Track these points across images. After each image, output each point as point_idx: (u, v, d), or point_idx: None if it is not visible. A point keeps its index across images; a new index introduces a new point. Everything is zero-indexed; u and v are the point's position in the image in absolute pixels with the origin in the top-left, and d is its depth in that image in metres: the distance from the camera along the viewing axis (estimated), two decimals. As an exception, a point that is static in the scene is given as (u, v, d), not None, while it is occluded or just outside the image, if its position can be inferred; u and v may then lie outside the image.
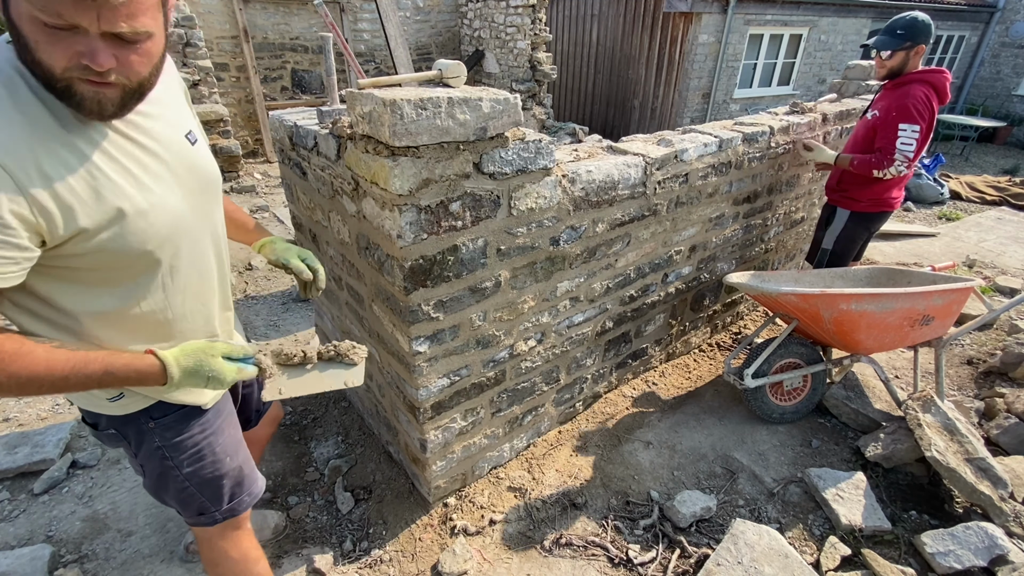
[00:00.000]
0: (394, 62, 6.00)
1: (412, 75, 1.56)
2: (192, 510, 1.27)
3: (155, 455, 1.17)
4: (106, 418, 1.12)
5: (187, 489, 1.22)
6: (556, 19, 9.97)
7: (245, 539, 1.38)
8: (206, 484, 1.23)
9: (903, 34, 2.37)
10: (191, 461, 1.19)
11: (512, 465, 2.24)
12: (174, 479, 1.20)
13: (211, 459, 1.23)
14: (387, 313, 1.69)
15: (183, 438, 1.17)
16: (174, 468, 1.18)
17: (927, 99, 2.34)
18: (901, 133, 2.33)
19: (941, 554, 1.79)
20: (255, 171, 6.25)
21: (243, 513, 1.35)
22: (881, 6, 9.52)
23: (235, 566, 1.35)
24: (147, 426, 1.14)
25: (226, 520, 1.30)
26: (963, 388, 2.81)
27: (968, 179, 6.92)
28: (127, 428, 1.14)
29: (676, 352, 2.94)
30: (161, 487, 1.23)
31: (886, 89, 2.53)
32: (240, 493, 1.31)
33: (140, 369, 0.96)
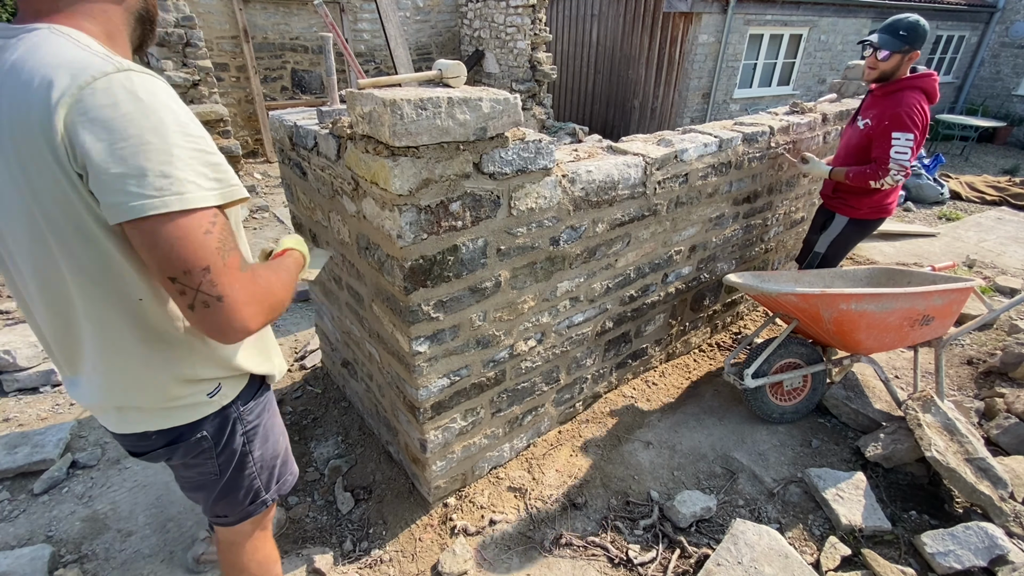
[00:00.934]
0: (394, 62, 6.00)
1: (412, 75, 1.56)
2: (245, 501, 1.22)
3: (236, 445, 1.12)
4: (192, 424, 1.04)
5: (252, 475, 1.19)
6: (556, 19, 9.97)
7: (270, 540, 1.39)
8: (266, 465, 1.22)
9: (905, 36, 2.31)
10: (261, 443, 1.18)
11: (512, 465, 2.24)
12: (245, 467, 1.16)
13: (273, 440, 1.23)
14: (387, 313, 1.69)
15: (260, 421, 1.17)
16: (248, 455, 1.16)
17: (920, 106, 2.32)
18: (895, 142, 2.32)
19: (941, 554, 1.79)
20: (255, 171, 6.25)
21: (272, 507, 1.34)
22: (881, 6, 9.52)
23: (259, 568, 1.35)
24: (235, 413, 1.10)
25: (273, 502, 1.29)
26: (963, 388, 2.81)
27: (968, 179, 6.92)
28: (214, 426, 1.07)
29: (676, 352, 2.94)
30: (233, 484, 1.17)
31: (875, 96, 2.47)
32: (285, 473, 1.31)
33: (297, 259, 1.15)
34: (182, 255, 0.76)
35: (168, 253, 0.76)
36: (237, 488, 1.19)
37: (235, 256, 0.82)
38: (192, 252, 0.77)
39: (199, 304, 0.79)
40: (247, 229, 4.73)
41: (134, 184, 0.73)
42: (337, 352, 2.48)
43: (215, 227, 0.80)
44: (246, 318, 0.83)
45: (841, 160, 2.65)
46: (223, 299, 0.80)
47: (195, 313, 0.80)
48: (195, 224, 0.77)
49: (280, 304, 0.93)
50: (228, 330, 0.83)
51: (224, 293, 0.80)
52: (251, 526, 1.30)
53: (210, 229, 0.79)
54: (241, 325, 0.83)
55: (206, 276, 0.78)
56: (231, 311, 0.81)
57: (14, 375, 2.56)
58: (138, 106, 0.74)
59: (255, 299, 0.85)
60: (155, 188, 0.74)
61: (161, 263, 0.77)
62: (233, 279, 0.81)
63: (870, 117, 2.44)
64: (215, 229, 0.79)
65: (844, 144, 2.66)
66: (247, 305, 0.83)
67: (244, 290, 0.83)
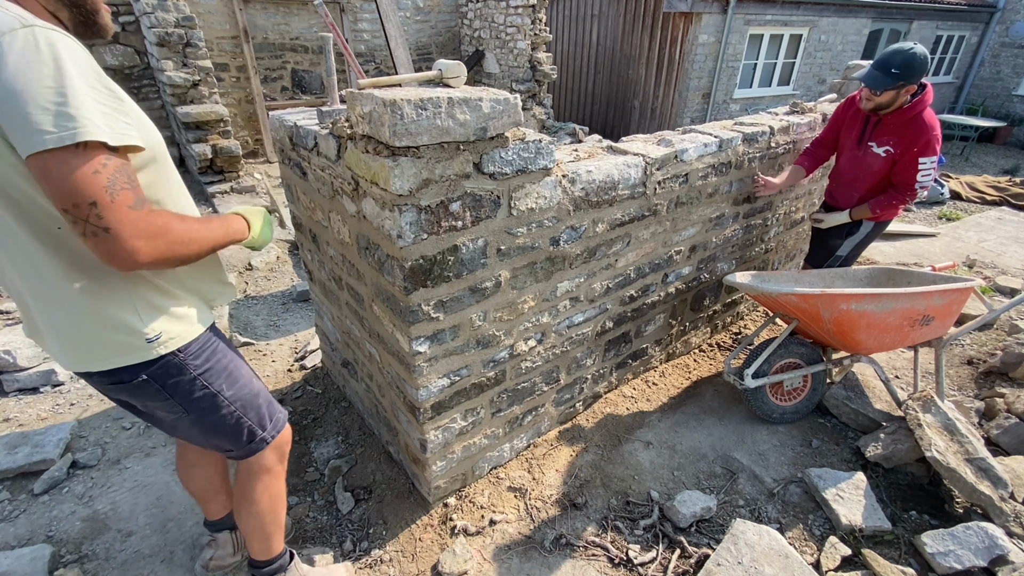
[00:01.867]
0: (394, 62, 6.00)
1: (412, 75, 1.56)
2: (243, 438, 1.36)
3: (195, 386, 1.22)
4: (132, 368, 1.14)
5: (234, 413, 1.31)
6: (556, 19, 9.98)
7: (282, 476, 1.50)
8: (249, 404, 1.34)
9: (897, 73, 2.24)
10: (229, 383, 1.28)
11: (512, 465, 2.24)
12: (221, 405, 1.28)
13: (243, 380, 1.33)
14: (387, 313, 1.69)
15: (213, 363, 1.25)
16: (217, 395, 1.26)
17: (935, 121, 2.36)
18: (921, 167, 2.37)
19: (941, 554, 1.79)
20: (255, 171, 6.25)
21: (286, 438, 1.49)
22: (881, 6, 9.52)
23: (270, 503, 1.47)
24: (176, 359, 1.18)
25: (274, 439, 1.43)
26: (963, 388, 2.81)
27: (968, 179, 6.92)
28: (157, 369, 1.16)
29: (676, 352, 2.94)
30: (209, 422, 1.28)
31: (891, 124, 2.41)
32: (275, 411, 1.45)
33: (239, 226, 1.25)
34: (71, 189, 0.86)
35: (60, 187, 0.86)
36: (223, 426, 1.31)
37: (126, 195, 0.92)
38: (80, 187, 0.86)
39: (89, 233, 0.89)
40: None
41: (33, 123, 0.82)
42: (337, 352, 2.48)
43: (106, 168, 0.89)
44: (134, 249, 0.93)
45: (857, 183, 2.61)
46: (109, 231, 0.90)
47: (87, 241, 0.91)
48: (85, 163, 0.86)
49: (181, 246, 1.03)
50: (116, 259, 0.93)
51: (110, 226, 0.90)
52: (266, 458, 1.43)
53: (100, 169, 0.88)
54: (126, 256, 0.93)
55: (93, 210, 0.88)
56: (118, 242, 0.91)
57: (14, 375, 2.56)
58: (38, 55, 0.83)
59: (146, 235, 0.94)
60: (52, 126, 0.83)
61: (55, 195, 0.87)
62: (121, 215, 0.90)
63: (890, 144, 2.41)
64: (105, 170, 0.89)
65: (859, 167, 2.57)
66: (135, 239, 0.93)
67: (132, 225, 0.92)
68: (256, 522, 1.47)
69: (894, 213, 2.54)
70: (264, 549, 1.53)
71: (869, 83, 2.32)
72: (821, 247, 2.90)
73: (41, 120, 0.82)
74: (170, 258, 1.01)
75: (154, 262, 0.98)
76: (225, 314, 3.39)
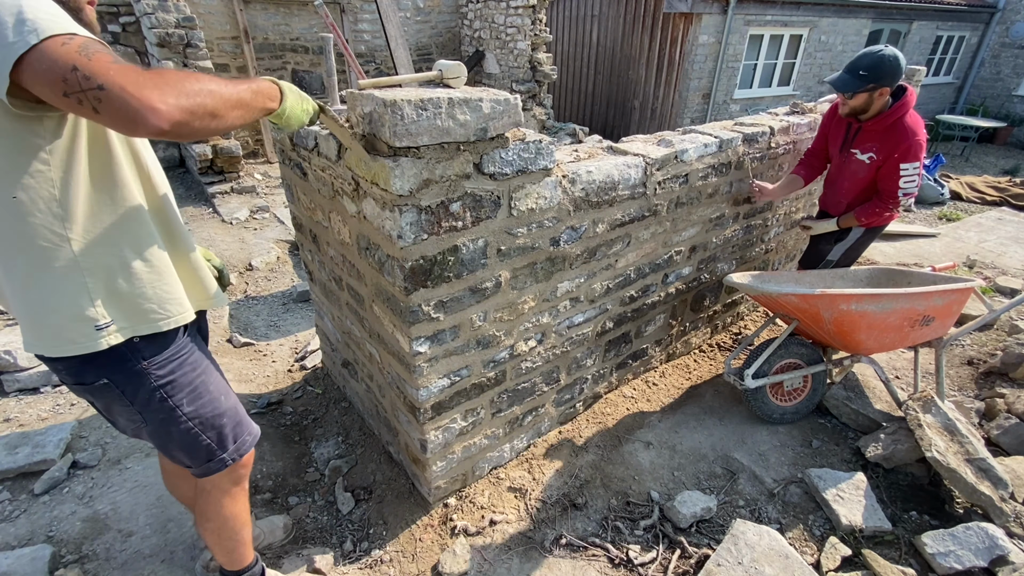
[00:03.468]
0: (394, 63, 6.00)
1: (412, 76, 1.56)
2: (201, 456, 1.31)
3: (154, 398, 1.18)
4: (95, 369, 1.11)
5: (192, 431, 1.26)
6: (556, 20, 9.98)
7: (241, 498, 1.46)
8: (209, 424, 1.28)
9: (865, 75, 2.21)
10: (191, 399, 1.23)
11: (512, 465, 2.24)
12: (178, 420, 1.23)
13: (208, 397, 1.27)
14: (387, 313, 1.69)
15: (177, 376, 1.21)
16: (175, 409, 1.21)
17: (919, 128, 2.30)
18: (903, 173, 2.31)
19: (941, 554, 1.79)
20: (255, 171, 6.25)
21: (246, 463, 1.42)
22: (881, 6, 9.53)
23: (225, 522, 1.44)
24: (139, 366, 1.15)
25: (235, 462, 1.37)
26: (963, 388, 2.81)
27: (968, 179, 6.92)
28: (119, 375, 1.14)
29: (676, 352, 2.94)
30: (166, 434, 1.25)
31: (872, 130, 2.38)
32: (242, 433, 1.38)
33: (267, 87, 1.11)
34: (50, 70, 0.83)
35: (44, 76, 0.83)
36: (178, 441, 1.27)
37: (103, 55, 0.86)
38: (55, 63, 0.83)
39: (93, 101, 0.84)
40: (248, 230, 4.73)
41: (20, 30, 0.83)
42: (337, 352, 2.48)
43: (72, 40, 0.86)
44: (145, 98, 0.85)
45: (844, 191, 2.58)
46: (104, 88, 0.83)
47: (101, 114, 0.85)
48: (51, 45, 0.84)
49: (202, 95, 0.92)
50: (134, 114, 0.85)
51: (101, 82, 0.83)
52: (222, 480, 1.38)
53: (66, 42, 0.85)
54: (141, 105, 0.84)
55: (76, 75, 0.83)
56: (122, 95, 0.84)
57: (15, 375, 2.57)
58: None
59: (148, 83, 0.86)
60: (19, 32, 0.83)
61: (47, 89, 0.84)
62: (105, 68, 0.84)
63: (873, 151, 2.39)
64: (72, 41, 0.85)
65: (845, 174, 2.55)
66: (139, 87, 0.85)
67: (123, 75, 0.85)
68: (213, 537, 1.46)
69: (880, 221, 2.50)
70: (229, 561, 1.52)
71: (837, 86, 2.29)
72: (813, 252, 2.92)
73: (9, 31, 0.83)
74: (197, 108, 0.91)
75: (184, 114, 0.89)
76: (225, 314, 3.39)
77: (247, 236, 4.60)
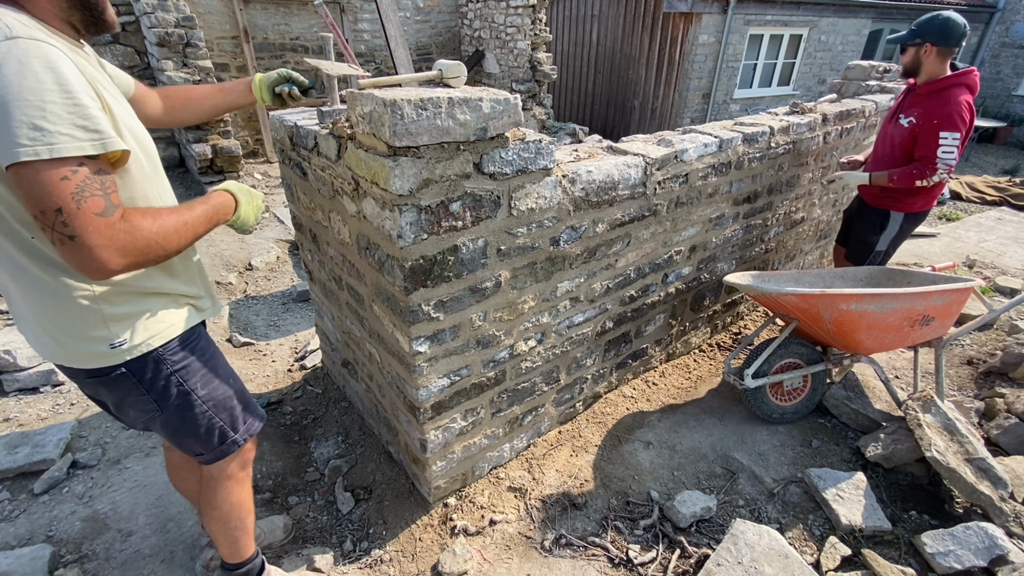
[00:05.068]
0: (394, 62, 6.00)
1: (412, 75, 1.56)
2: (213, 440, 1.35)
3: (170, 383, 1.24)
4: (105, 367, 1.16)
5: (207, 413, 1.31)
6: (556, 19, 9.98)
7: (247, 484, 1.51)
8: (222, 406, 1.34)
9: (914, 30, 2.35)
10: (204, 383, 1.29)
11: (512, 465, 2.24)
12: (194, 404, 1.28)
13: (219, 380, 1.34)
14: (387, 313, 1.69)
15: (190, 361, 1.27)
16: (190, 393, 1.27)
17: (967, 103, 2.33)
18: (942, 142, 2.34)
19: (941, 554, 1.79)
20: (255, 171, 6.25)
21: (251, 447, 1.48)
22: (881, 6, 9.53)
23: (232, 509, 1.47)
24: (155, 352, 1.20)
25: (245, 443, 1.42)
26: (963, 388, 2.81)
27: (968, 179, 6.92)
28: (135, 363, 1.18)
29: (676, 352, 2.94)
30: (181, 420, 1.29)
31: (919, 94, 2.46)
32: (250, 415, 1.44)
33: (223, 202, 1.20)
34: (39, 196, 0.87)
35: (29, 194, 0.87)
36: (194, 426, 1.31)
37: (95, 202, 0.91)
38: (47, 195, 0.87)
39: (58, 240, 0.90)
40: (247, 229, 4.72)
41: (10, 134, 0.84)
42: (337, 352, 2.48)
43: (75, 175, 0.88)
44: (103, 259, 0.92)
45: (885, 158, 2.65)
46: (75, 239, 0.89)
47: (59, 248, 0.91)
48: (54, 171, 0.86)
49: (157, 248, 1.01)
50: (87, 268, 0.93)
51: (76, 234, 0.89)
52: (228, 466, 1.42)
53: (68, 176, 0.88)
54: (97, 265, 0.92)
55: (59, 217, 0.88)
56: (85, 251, 0.90)
57: (14, 375, 2.57)
58: (18, 68, 0.85)
59: (113, 244, 0.93)
60: (27, 139, 0.84)
61: (26, 202, 0.89)
62: (87, 223, 0.90)
63: (914, 115, 2.44)
64: (74, 176, 0.88)
65: (887, 141, 2.66)
66: (103, 249, 0.92)
67: (99, 234, 0.91)
68: (219, 527, 1.48)
69: (909, 183, 2.46)
70: (232, 552, 1.55)
71: (897, 39, 2.42)
72: (861, 245, 2.94)
73: (18, 132, 0.84)
74: (144, 262, 1.01)
75: (127, 269, 0.98)
76: (225, 314, 3.39)
77: (247, 236, 4.60)
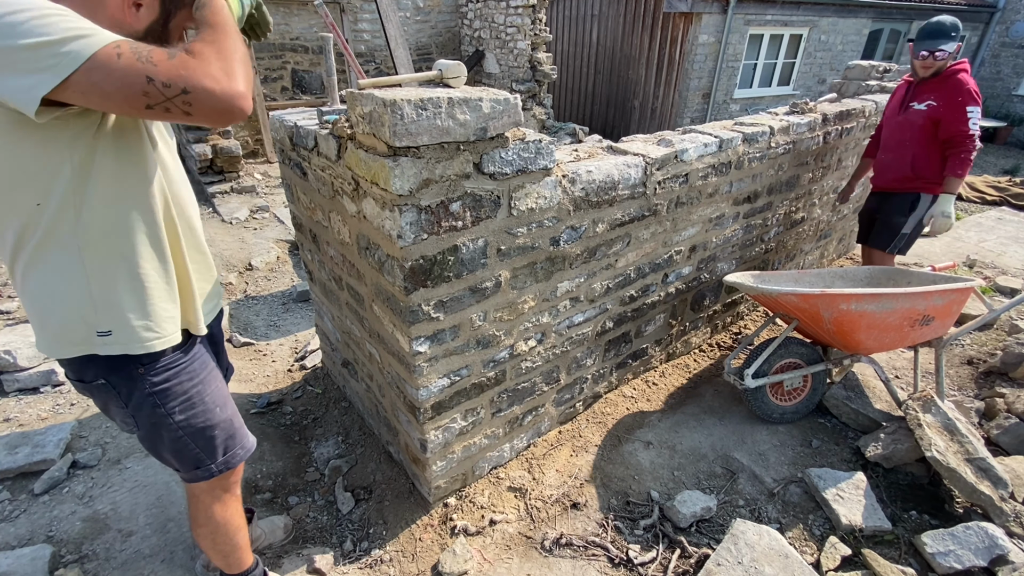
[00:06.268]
0: (394, 62, 6.00)
1: (412, 75, 1.56)
2: (188, 463, 1.30)
3: (146, 403, 1.18)
4: (94, 368, 1.13)
5: (181, 439, 1.25)
6: (556, 19, 9.98)
7: (232, 504, 1.45)
8: (199, 434, 1.27)
9: (955, 34, 2.63)
10: (183, 408, 1.23)
11: (512, 465, 2.24)
12: (167, 428, 1.23)
13: (201, 408, 1.26)
14: (387, 313, 1.69)
15: (172, 384, 1.20)
16: (166, 416, 1.21)
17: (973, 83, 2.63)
18: (971, 115, 2.58)
19: (941, 554, 1.79)
20: (255, 171, 6.25)
21: (236, 471, 1.42)
22: (881, 6, 9.53)
23: (218, 527, 1.44)
24: (136, 372, 1.15)
25: (222, 473, 1.35)
26: (963, 388, 2.81)
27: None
28: (116, 377, 1.15)
29: (676, 352, 2.94)
30: (156, 438, 1.25)
31: (929, 84, 2.72)
32: (233, 446, 1.37)
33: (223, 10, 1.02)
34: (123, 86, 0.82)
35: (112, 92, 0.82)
36: (167, 446, 1.26)
37: (156, 53, 0.85)
38: (124, 78, 0.81)
39: (183, 106, 0.85)
40: (247, 230, 4.73)
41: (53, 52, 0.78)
42: (337, 352, 2.48)
43: (120, 46, 0.83)
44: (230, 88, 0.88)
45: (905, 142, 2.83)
46: (188, 91, 0.84)
47: (194, 116, 0.87)
48: (104, 58, 0.81)
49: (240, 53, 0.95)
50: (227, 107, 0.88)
51: (184, 85, 0.84)
52: (211, 487, 1.38)
53: (120, 51, 0.82)
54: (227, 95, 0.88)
55: (154, 84, 0.83)
56: (207, 92, 0.85)
57: (14, 375, 2.57)
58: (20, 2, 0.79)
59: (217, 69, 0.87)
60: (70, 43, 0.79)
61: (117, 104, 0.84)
62: (175, 69, 0.84)
63: (931, 99, 2.68)
64: (122, 48, 0.83)
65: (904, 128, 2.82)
66: (216, 79, 0.87)
67: (196, 71, 0.86)
68: (207, 543, 1.47)
69: (967, 165, 2.66)
70: (225, 565, 1.53)
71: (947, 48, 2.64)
72: (886, 228, 3.04)
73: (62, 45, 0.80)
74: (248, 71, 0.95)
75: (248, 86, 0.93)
76: (226, 314, 3.39)
77: (247, 236, 4.60)
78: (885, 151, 2.97)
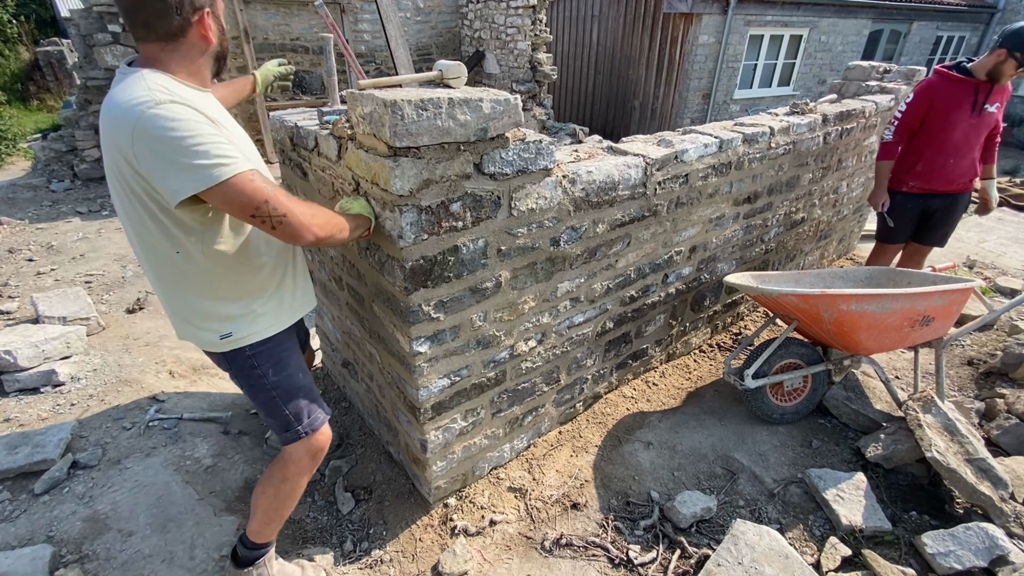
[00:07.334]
0: (394, 63, 6.00)
1: (413, 76, 1.56)
2: (280, 423, 1.54)
3: (246, 365, 1.47)
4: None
5: (274, 400, 1.50)
6: (556, 20, 9.99)
7: (307, 477, 1.65)
8: (289, 395, 1.52)
9: None
10: (275, 370, 1.49)
11: (512, 465, 2.24)
12: (263, 388, 1.49)
13: (289, 371, 1.52)
14: (387, 313, 1.69)
15: (265, 348, 1.48)
16: (262, 377, 1.48)
17: None
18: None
19: (942, 554, 1.79)
20: (255, 172, 6.26)
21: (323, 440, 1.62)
22: (881, 7, 9.53)
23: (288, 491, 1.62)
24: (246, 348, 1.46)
25: (308, 436, 1.56)
26: (963, 389, 2.81)
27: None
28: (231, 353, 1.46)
29: (676, 352, 2.94)
30: (259, 400, 1.52)
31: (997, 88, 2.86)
32: (314, 411, 1.59)
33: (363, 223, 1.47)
34: (248, 198, 1.16)
35: (241, 201, 1.16)
36: (263, 406, 1.52)
37: (279, 191, 1.22)
38: (252, 195, 1.16)
39: (275, 223, 1.19)
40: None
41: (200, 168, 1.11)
42: (337, 352, 2.48)
43: (256, 176, 1.18)
44: (309, 223, 1.24)
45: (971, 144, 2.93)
46: (287, 216, 1.20)
47: (277, 231, 1.21)
48: (243, 180, 1.16)
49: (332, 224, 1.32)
50: (300, 233, 1.23)
51: (285, 212, 1.20)
52: (300, 452, 1.57)
53: (253, 178, 1.17)
54: (307, 227, 1.24)
55: (268, 205, 1.18)
56: (296, 220, 1.22)
57: (15, 375, 2.56)
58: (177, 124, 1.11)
59: (310, 211, 1.26)
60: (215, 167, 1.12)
61: (239, 209, 1.17)
62: (286, 201, 1.21)
63: (999, 100, 2.88)
64: (256, 177, 1.18)
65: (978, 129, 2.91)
66: (304, 216, 1.23)
67: (297, 206, 1.23)
68: (266, 501, 1.60)
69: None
70: (259, 531, 1.64)
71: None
72: (952, 226, 3.22)
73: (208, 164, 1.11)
74: (331, 236, 1.31)
75: (323, 239, 1.28)
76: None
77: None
78: (958, 155, 2.94)
